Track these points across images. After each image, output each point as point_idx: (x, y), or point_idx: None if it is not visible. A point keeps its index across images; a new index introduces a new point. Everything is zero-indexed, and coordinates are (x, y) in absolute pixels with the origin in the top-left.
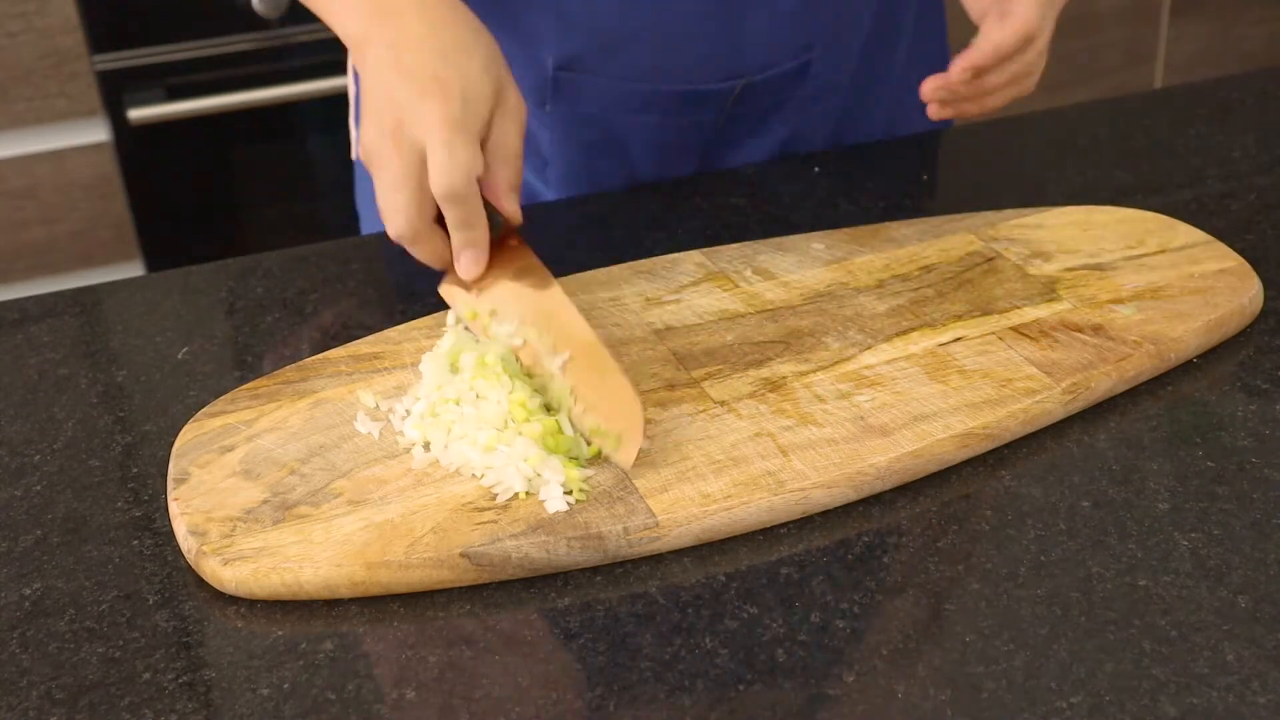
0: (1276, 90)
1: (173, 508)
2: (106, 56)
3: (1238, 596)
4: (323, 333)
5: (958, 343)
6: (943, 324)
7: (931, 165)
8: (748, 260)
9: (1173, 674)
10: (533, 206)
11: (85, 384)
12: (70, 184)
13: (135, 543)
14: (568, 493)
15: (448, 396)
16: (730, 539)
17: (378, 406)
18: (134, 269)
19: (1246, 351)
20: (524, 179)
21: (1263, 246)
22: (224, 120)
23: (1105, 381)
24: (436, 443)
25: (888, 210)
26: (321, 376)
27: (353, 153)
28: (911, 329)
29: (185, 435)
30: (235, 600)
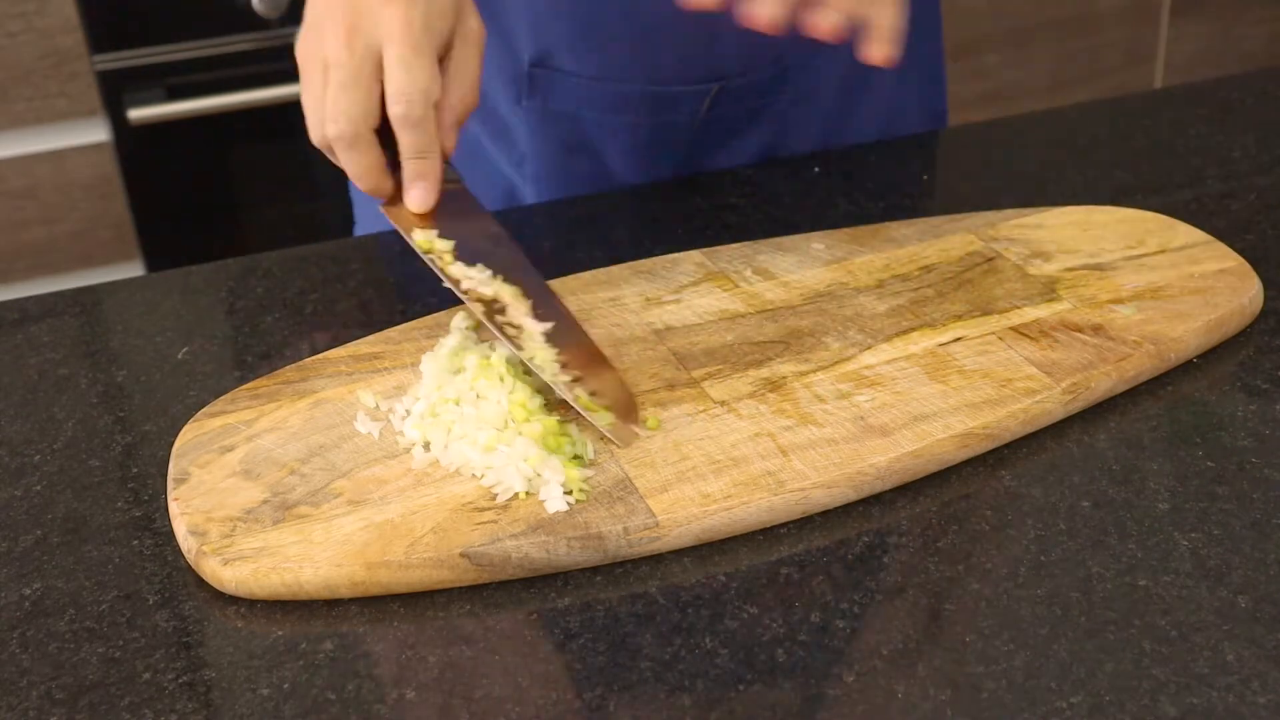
0: (1276, 90)
1: (173, 508)
2: (106, 56)
3: (1238, 596)
4: (323, 333)
5: (958, 343)
6: (943, 324)
7: (931, 165)
8: (748, 260)
9: (1173, 674)
10: (532, 207)
11: (85, 384)
12: (70, 184)
13: (135, 543)
14: (568, 493)
15: (448, 396)
16: (730, 539)
17: (378, 406)
18: (134, 269)
19: (1246, 351)
20: (501, 172)
21: (1263, 246)
22: (224, 120)
23: (1105, 381)
24: (436, 443)
25: (888, 210)
26: (321, 376)
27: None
28: (911, 329)
29: (185, 435)
30: (235, 600)
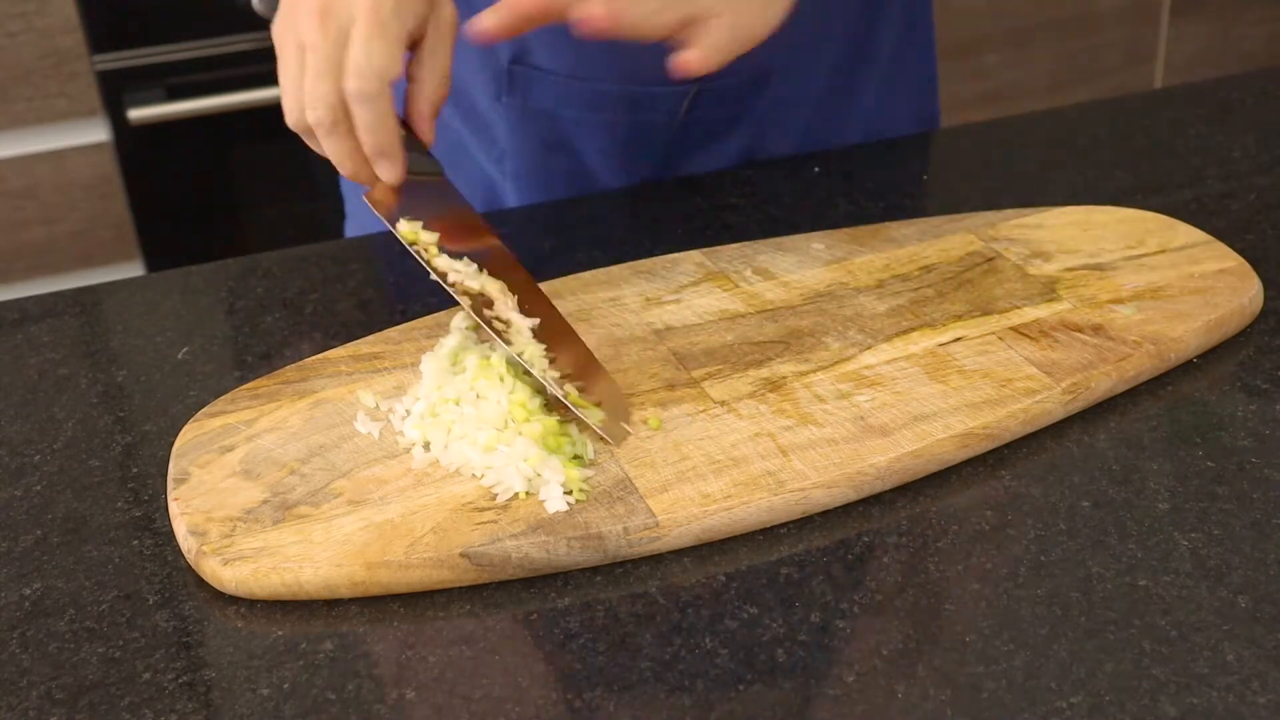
0: (1276, 90)
1: (173, 508)
2: (106, 56)
3: (1238, 596)
4: (323, 333)
5: (958, 343)
6: (943, 324)
7: (931, 165)
8: (748, 260)
9: (1173, 674)
10: (531, 206)
11: (85, 384)
12: (70, 184)
13: (135, 543)
14: (568, 493)
15: (448, 396)
16: (730, 539)
17: (378, 406)
18: (134, 269)
19: (1246, 351)
20: (482, 170)
21: (1263, 246)
22: (224, 120)
23: (1105, 381)
24: (436, 443)
25: (888, 210)
26: (321, 376)
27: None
28: (911, 329)
29: (185, 435)
30: (235, 600)
